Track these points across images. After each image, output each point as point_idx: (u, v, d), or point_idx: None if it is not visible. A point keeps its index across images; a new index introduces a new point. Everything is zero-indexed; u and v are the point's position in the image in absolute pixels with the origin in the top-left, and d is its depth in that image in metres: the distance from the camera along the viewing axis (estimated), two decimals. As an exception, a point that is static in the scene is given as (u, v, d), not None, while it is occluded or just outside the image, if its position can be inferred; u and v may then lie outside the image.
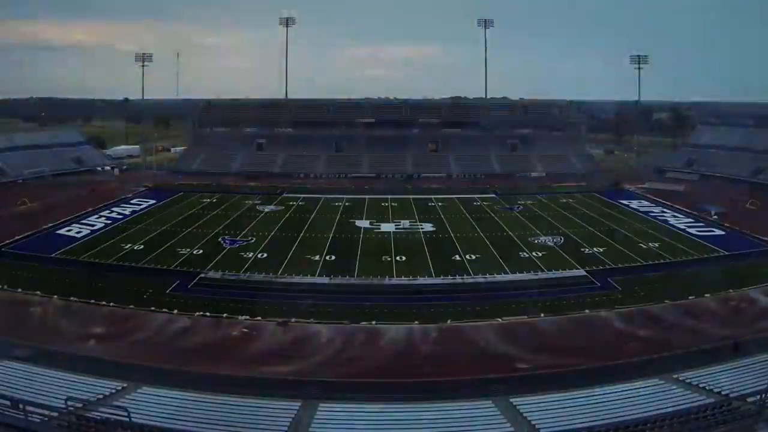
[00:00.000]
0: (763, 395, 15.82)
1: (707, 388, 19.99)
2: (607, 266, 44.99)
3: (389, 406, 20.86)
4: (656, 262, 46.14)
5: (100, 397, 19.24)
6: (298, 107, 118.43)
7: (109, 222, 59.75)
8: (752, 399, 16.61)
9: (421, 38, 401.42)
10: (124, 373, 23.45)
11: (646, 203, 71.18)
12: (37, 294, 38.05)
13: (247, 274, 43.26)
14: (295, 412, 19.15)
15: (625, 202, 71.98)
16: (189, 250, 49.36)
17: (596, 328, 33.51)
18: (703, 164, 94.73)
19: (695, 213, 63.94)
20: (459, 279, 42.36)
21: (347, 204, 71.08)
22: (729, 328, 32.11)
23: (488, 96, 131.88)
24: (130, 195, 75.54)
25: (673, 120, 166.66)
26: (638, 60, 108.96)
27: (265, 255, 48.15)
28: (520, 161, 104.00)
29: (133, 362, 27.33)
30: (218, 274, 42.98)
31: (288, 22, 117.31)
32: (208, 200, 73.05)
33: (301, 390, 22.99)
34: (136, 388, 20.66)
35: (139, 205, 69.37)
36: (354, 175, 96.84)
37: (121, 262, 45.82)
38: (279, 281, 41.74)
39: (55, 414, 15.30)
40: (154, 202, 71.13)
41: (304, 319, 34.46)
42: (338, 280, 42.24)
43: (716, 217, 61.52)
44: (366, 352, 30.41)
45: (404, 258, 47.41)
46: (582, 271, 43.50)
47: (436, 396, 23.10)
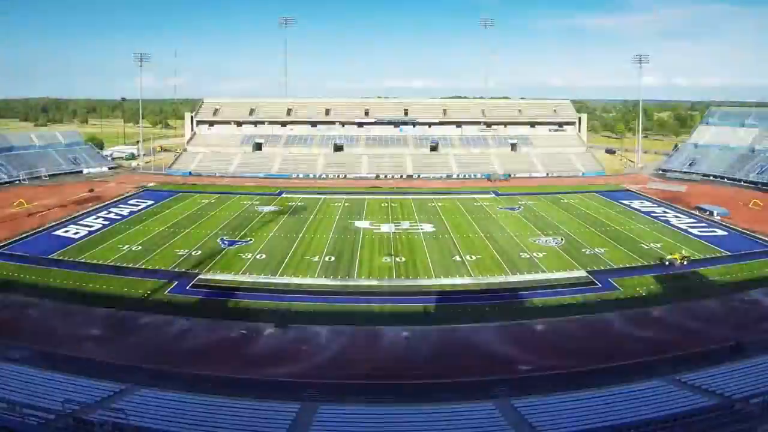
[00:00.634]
0: (766, 397, 15.82)
1: (709, 389, 19.98)
2: (609, 267, 44.99)
3: (389, 408, 20.86)
4: (658, 262, 46.06)
5: (98, 399, 19.22)
6: (297, 106, 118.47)
7: (106, 223, 59.67)
8: (755, 401, 16.61)
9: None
10: (121, 375, 23.44)
11: (648, 203, 71.19)
12: (34, 295, 38.01)
13: (246, 275, 43.24)
14: (294, 414, 19.13)
15: (626, 202, 71.96)
16: (187, 250, 49.31)
17: (597, 329, 33.52)
18: (705, 164, 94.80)
19: (697, 213, 63.98)
20: (459, 280, 42.35)
21: (347, 204, 71.05)
22: (731, 330, 32.15)
23: (489, 96, 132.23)
24: (128, 195, 75.53)
25: (674, 119, 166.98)
26: (639, 59, 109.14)
27: (264, 256, 48.12)
28: (521, 161, 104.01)
29: (131, 364, 27.34)
30: (217, 275, 42.96)
31: (287, 22, 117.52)
32: (207, 200, 72.98)
33: (299, 392, 22.98)
34: (134, 391, 20.64)
35: (137, 205, 69.30)
36: (353, 175, 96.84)
37: (118, 263, 45.74)
38: (278, 282, 41.73)
39: (52, 416, 15.28)
40: (152, 202, 71.07)
41: (302, 321, 34.49)
42: (337, 281, 42.24)
43: (719, 217, 61.54)
44: (366, 354, 30.41)
45: (404, 259, 47.40)
46: (583, 272, 43.51)
47: (437, 398, 23.12)
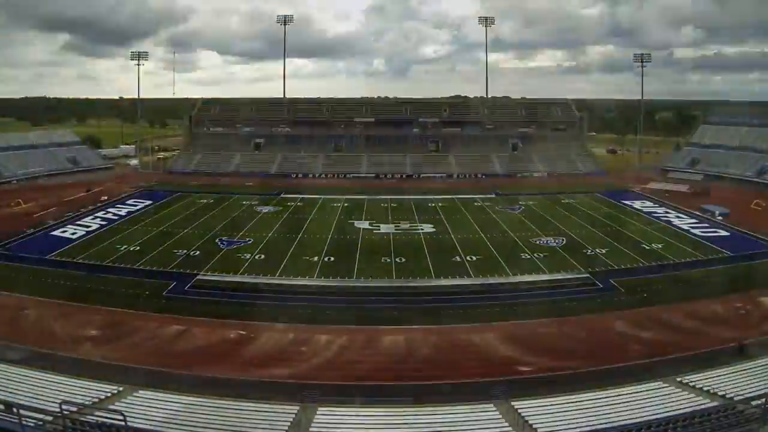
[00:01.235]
0: (768, 398, 15.82)
1: (711, 391, 20.02)
2: (610, 267, 44.96)
3: (389, 409, 20.89)
4: (660, 263, 46.11)
5: (96, 400, 19.23)
6: (297, 106, 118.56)
7: (104, 223, 59.71)
8: (756, 402, 16.61)
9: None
10: (120, 376, 23.45)
11: (649, 203, 71.20)
12: (31, 296, 38.05)
13: (245, 276, 43.25)
14: (293, 415, 19.17)
15: (627, 202, 72.00)
16: (186, 251, 49.33)
17: (598, 330, 33.54)
18: (707, 164, 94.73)
19: (699, 213, 64.01)
20: (459, 280, 42.36)
21: (346, 205, 71.07)
22: (733, 331, 32.16)
23: (489, 95, 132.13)
24: (126, 195, 75.57)
25: (676, 119, 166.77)
26: (641, 58, 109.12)
27: (263, 256, 48.15)
28: (522, 161, 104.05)
29: (129, 365, 27.32)
30: (215, 276, 42.93)
31: (286, 20, 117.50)
32: (206, 201, 73.02)
33: (299, 393, 22.99)
34: (133, 392, 20.66)
35: (135, 205, 69.33)
36: (353, 175, 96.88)
37: (116, 264, 45.77)
38: (277, 283, 41.74)
39: (49, 418, 15.27)
40: (150, 202, 71.11)
41: (302, 321, 34.53)
42: (337, 281, 42.24)
43: (720, 217, 61.56)
44: (365, 355, 30.44)
45: (404, 259, 47.40)
46: (584, 273, 43.45)
47: (437, 399, 23.16)
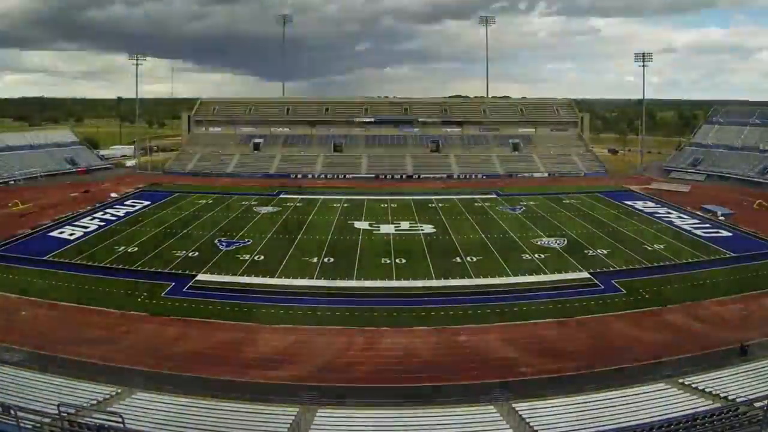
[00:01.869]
0: (771, 400, 15.82)
1: (713, 392, 20.02)
2: (611, 268, 44.93)
3: (389, 411, 20.88)
4: (661, 264, 46.10)
5: (94, 402, 19.24)
6: (296, 106, 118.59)
7: (102, 224, 59.69)
8: (759, 404, 16.61)
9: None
10: (118, 378, 23.48)
11: (651, 204, 71.21)
12: (28, 297, 38.05)
13: (244, 277, 43.24)
14: (293, 417, 19.17)
15: (629, 202, 72.00)
16: (184, 252, 49.30)
17: (600, 331, 33.52)
18: (709, 164, 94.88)
19: (701, 214, 64.01)
20: (460, 281, 42.35)
21: (346, 205, 71.06)
22: (736, 332, 32.16)
23: (489, 95, 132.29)
24: (124, 196, 75.57)
25: (678, 119, 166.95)
26: (642, 58, 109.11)
27: (262, 257, 48.13)
28: (522, 161, 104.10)
29: (128, 367, 27.37)
30: (214, 277, 42.96)
31: (285, 20, 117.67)
32: (204, 201, 72.97)
33: (299, 395, 23.00)
34: (131, 394, 20.68)
35: (134, 206, 69.32)
36: (353, 175, 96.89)
37: (114, 265, 45.73)
38: (276, 284, 41.73)
39: (47, 420, 15.28)
40: (148, 203, 71.10)
41: (301, 322, 34.54)
42: (336, 282, 42.22)
43: (723, 218, 61.57)
44: (365, 357, 30.42)
45: (404, 260, 47.37)
46: (585, 274, 43.49)
47: (437, 401, 23.17)
